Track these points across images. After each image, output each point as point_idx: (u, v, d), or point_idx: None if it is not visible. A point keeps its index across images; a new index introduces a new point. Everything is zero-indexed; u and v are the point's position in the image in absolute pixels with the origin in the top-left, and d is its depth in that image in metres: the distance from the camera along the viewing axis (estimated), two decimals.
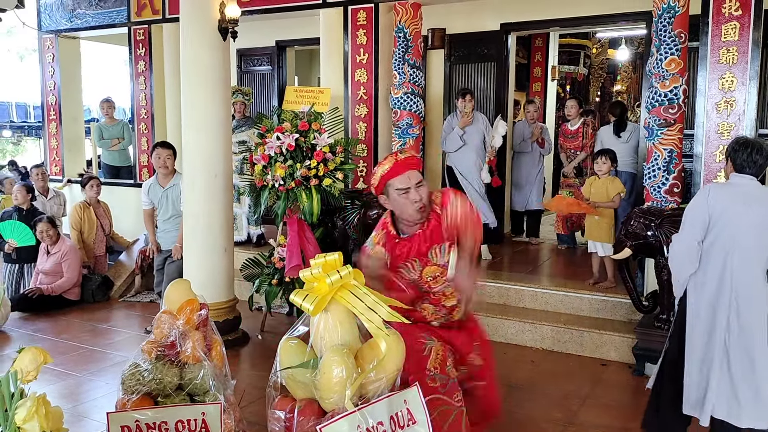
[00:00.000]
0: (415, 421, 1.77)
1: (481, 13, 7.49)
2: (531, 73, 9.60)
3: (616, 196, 5.35)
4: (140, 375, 2.24)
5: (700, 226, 3.08)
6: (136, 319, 6.06)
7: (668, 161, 4.76)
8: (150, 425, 2.16)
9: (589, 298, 5.23)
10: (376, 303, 1.76)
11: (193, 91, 4.93)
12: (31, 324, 5.82)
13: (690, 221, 3.15)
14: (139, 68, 7.82)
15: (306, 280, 1.81)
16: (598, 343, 4.85)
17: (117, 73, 15.65)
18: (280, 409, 1.85)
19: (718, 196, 3.07)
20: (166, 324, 2.29)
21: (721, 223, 3.04)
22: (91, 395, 4.26)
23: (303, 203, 5.10)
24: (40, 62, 8.66)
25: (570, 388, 4.34)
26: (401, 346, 1.79)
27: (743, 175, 3.10)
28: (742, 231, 3.01)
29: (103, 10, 7.93)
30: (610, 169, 5.50)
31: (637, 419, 3.81)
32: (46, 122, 8.70)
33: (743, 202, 3.02)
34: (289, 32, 8.65)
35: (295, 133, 5.09)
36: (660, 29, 4.71)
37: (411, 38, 6.06)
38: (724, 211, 3.03)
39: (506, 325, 5.21)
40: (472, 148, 6.28)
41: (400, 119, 6.11)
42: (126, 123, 8.82)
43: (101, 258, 7.08)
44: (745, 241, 3.01)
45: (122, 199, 7.77)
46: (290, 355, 1.86)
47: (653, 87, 4.76)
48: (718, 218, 3.04)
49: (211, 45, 4.92)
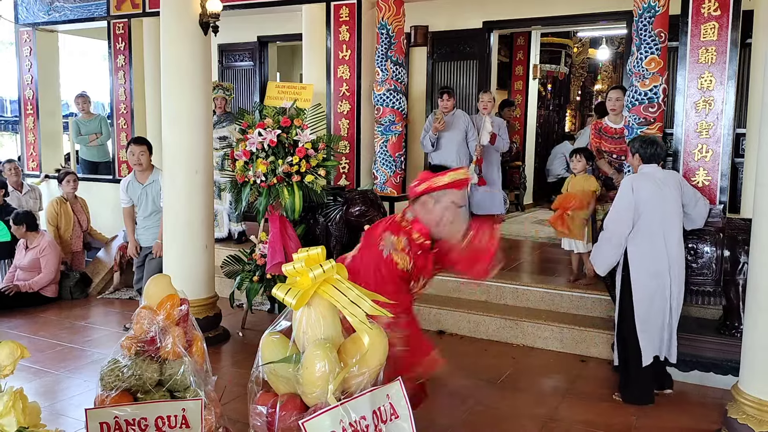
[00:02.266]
0: (397, 416, 1.76)
1: (463, 11, 7.52)
2: (513, 71, 9.66)
3: (592, 193, 5.39)
4: (119, 371, 2.20)
5: (629, 217, 3.86)
6: (114, 317, 5.99)
7: None
8: (129, 422, 2.12)
9: (569, 295, 5.27)
10: (359, 297, 1.75)
11: (174, 86, 4.88)
12: (7, 321, 5.72)
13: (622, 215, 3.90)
14: (118, 63, 7.72)
15: (288, 274, 1.79)
16: (578, 339, 4.89)
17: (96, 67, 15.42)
18: (262, 404, 1.83)
19: (640, 185, 3.89)
20: (146, 319, 2.26)
21: (650, 207, 3.85)
22: (68, 393, 4.20)
23: (285, 200, 5.07)
24: (17, 56, 8.51)
25: (551, 384, 4.38)
26: (384, 340, 1.78)
27: (651, 164, 4.00)
28: (667, 210, 3.88)
29: (81, 3, 7.82)
30: (585, 168, 5.52)
31: (617, 414, 3.86)
32: (23, 117, 8.55)
33: (658, 186, 3.90)
34: (271, 28, 8.61)
35: (277, 129, 5.05)
36: (640, 28, 4.76)
37: (394, 35, 6.06)
38: (649, 197, 3.86)
39: (487, 321, 5.23)
40: (452, 148, 6.27)
41: (383, 116, 6.10)
42: (104, 118, 8.69)
43: (79, 254, 6.99)
44: (670, 218, 3.89)
45: (101, 195, 7.67)
46: (272, 350, 1.84)
47: (633, 86, 4.81)
48: (646, 203, 3.85)
49: (191, 39, 4.87)
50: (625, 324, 4.00)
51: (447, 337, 5.30)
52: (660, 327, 3.93)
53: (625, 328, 3.99)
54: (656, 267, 3.88)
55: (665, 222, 3.88)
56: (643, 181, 3.92)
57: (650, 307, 3.90)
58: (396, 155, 6.14)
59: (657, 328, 3.93)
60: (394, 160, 6.13)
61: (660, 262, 3.88)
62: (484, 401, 4.02)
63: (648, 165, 4.03)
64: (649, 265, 3.88)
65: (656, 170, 4.02)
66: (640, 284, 3.90)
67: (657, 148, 4.03)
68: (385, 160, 6.13)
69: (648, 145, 4.02)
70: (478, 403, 3.98)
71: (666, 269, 3.87)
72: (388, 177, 6.14)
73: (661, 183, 3.95)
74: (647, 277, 3.89)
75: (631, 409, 3.93)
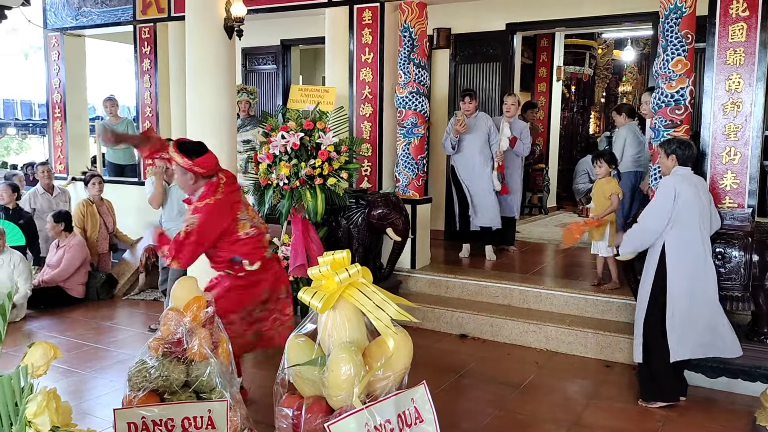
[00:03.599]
0: (422, 420, 1.76)
1: (486, 12, 7.49)
2: (536, 73, 9.60)
3: (613, 195, 5.31)
4: (147, 372, 2.24)
5: (667, 216, 3.88)
6: (139, 317, 6.07)
7: None
8: (156, 422, 2.15)
9: (594, 300, 5.22)
10: (384, 301, 1.75)
11: (199, 90, 4.93)
12: (36, 321, 5.83)
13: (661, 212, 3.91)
14: (144, 66, 7.82)
15: (314, 278, 1.80)
16: (603, 344, 4.84)
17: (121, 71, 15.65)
18: (288, 407, 1.84)
19: (682, 186, 3.89)
20: (173, 321, 2.29)
21: (690, 208, 3.87)
22: (94, 393, 4.26)
23: (307, 202, 5.10)
24: (46, 60, 8.67)
25: (574, 389, 4.33)
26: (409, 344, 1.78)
27: (686, 167, 4.01)
28: (704, 213, 3.93)
29: (108, 8, 7.94)
30: (608, 171, 5.48)
31: (642, 420, 3.82)
32: (50, 120, 8.71)
33: (696, 188, 3.95)
34: (294, 31, 8.66)
35: (300, 132, 5.09)
36: (667, 30, 4.70)
37: (416, 38, 6.05)
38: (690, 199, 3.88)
39: (510, 326, 5.20)
40: (474, 150, 6.25)
41: (405, 119, 6.10)
42: (130, 121, 8.82)
43: (105, 256, 7.09)
44: (707, 220, 3.96)
45: (126, 197, 7.77)
46: (298, 353, 1.85)
47: (660, 88, 4.75)
48: (687, 205, 3.86)
49: (216, 43, 4.92)
50: (653, 321, 3.96)
51: (469, 341, 5.28)
52: (703, 327, 3.90)
53: (654, 325, 3.96)
54: (694, 268, 3.90)
55: (703, 224, 3.92)
56: (683, 183, 3.94)
57: (686, 308, 3.88)
58: (418, 158, 6.13)
59: (696, 329, 3.90)
60: (416, 163, 6.13)
61: (698, 263, 3.89)
62: (506, 406, 3.99)
63: (683, 167, 4.02)
64: (688, 266, 3.89)
65: (690, 173, 4.03)
66: (676, 285, 3.89)
67: (693, 150, 4.06)
68: (407, 162, 6.12)
69: (686, 147, 4.03)
70: (501, 408, 3.95)
71: (703, 271, 3.90)
72: (410, 180, 6.13)
73: (697, 186, 3.99)
74: (684, 278, 3.88)
75: (656, 416, 3.88)
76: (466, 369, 4.63)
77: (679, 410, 3.96)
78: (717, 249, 4.17)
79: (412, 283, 6.02)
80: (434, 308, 5.50)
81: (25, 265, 5.88)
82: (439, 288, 5.89)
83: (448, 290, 5.84)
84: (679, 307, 3.90)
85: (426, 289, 5.95)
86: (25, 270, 5.85)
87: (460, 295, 5.77)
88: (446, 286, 5.86)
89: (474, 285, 5.72)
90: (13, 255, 5.82)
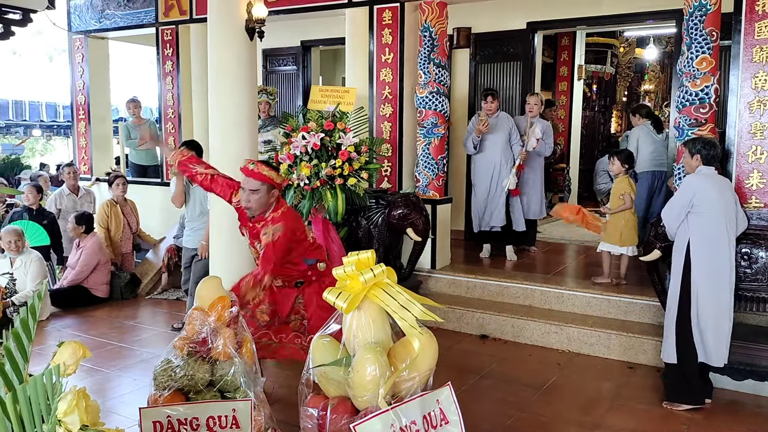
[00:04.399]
0: (447, 421, 1.76)
1: (507, 12, 7.45)
2: (557, 72, 9.52)
3: (626, 195, 5.30)
4: (172, 371, 2.26)
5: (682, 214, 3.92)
6: (162, 317, 6.13)
7: None
8: (181, 421, 2.17)
9: (617, 300, 5.17)
10: (409, 301, 1.75)
11: (220, 91, 4.97)
12: (61, 320, 5.91)
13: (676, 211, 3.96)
14: (166, 68, 7.90)
15: (339, 278, 1.80)
16: (626, 345, 4.79)
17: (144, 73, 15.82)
18: (313, 407, 1.85)
19: (704, 186, 3.89)
20: (198, 320, 2.31)
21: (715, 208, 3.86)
22: (119, 391, 4.31)
23: (328, 202, 5.11)
24: (70, 62, 8.79)
25: (597, 391, 4.29)
26: (434, 344, 1.78)
27: (710, 167, 3.99)
28: (729, 213, 3.91)
29: (131, 11, 8.03)
30: (621, 170, 5.44)
31: (667, 423, 3.77)
32: (75, 122, 8.83)
33: (720, 189, 3.94)
34: (314, 32, 8.68)
35: (320, 132, 5.10)
36: (691, 27, 4.64)
37: (437, 37, 6.03)
38: (715, 198, 3.87)
39: (531, 326, 5.16)
40: (495, 150, 6.22)
41: (425, 119, 6.09)
42: (153, 122, 8.92)
43: (128, 255, 7.17)
44: (732, 221, 3.93)
45: (149, 197, 7.85)
46: (323, 353, 1.86)
47: (684, 86, 4.69)
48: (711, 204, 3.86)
49: (238, 45, 4.94)
50: (684, 322, 3.96)
51: (490, 341, 5.25)
52: (714, 330, 3.89)
53: (685, 326, 3.96)
54: (717, 268, 3.88)
55: (729, 224, 3.90)
56: (706, 183, 3.93)
57: (707, 310, 3.88)
58: (438, 158, 6.12)
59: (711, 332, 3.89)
60: (436, 163, 6.11)
61: (722, 264, 3.88)
62: (528, 408, 3.97)
63: (707, 167, 4.00)
64: (711, 267, 3.88)
65: (714, 173, 4.01)
66: (701, 285, 3.89)
67: (718, 150, 4.03)
68: (427, 162, 6.11)
69: (711, 147, 4.01)
70: (522, 410, 3.93)
71: (727, 272, 3.88)
72: (431, 180, 6.12)
73: (721, 186, 3.97)
74: (707, 279, 3.88)
75: (681, 418, 3.83)
76: (487, 370, 4.61)
77: (704, 413, 3.91)
78: (743, 249, 4.11)
79: (432, 283, 6.01)
80: (455, 308, 5.48)
81: (40, 265, 5.92)
82: (460, 288, 5.87)
83: (468, 290, 5.83)
84: (704, 308, 3.88)
85: (446, 289, 5.94)
86: (38, 270, 5.86)
87: (481, 295, 5.74)
88: (467, 286, 5.85)
89: (495, 285, 5.70)
90: (31, 255, 5.90)
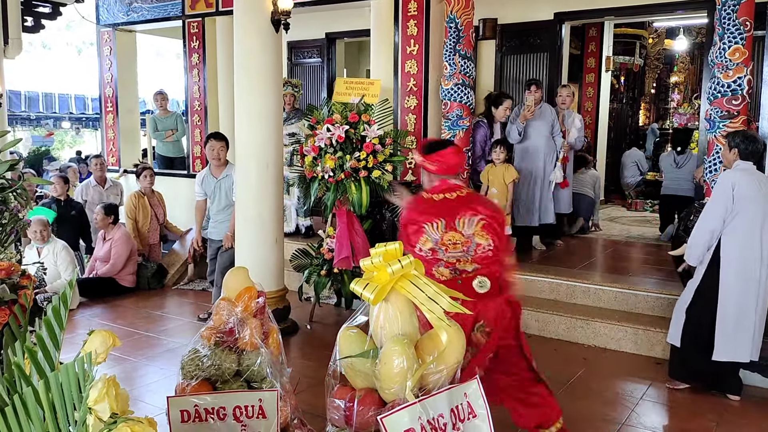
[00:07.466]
0: (475, 415, 1.74)
1: (534, 2, 7.36)
2: (584, 63, 9.39)
3: (511, 183, 5.79)
4: (199, 360, 2.28)
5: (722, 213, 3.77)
6: (188, 307, 6.20)
7: None
8: (208, 410, 2.19)
9: (645, 296, 5.09)
10: (436, 293, 1.74)
11: (246, 83, 4.99)
12: (89, 309, 6.01)
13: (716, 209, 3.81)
14: (192, 61, 7.96)
15: (366, 269, 1.79)
16: (653, 341, 4.72)
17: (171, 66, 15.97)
18: (340, 398, 1.85)
19: (741, 181, 3.76)
20: (225, 311, 2.32)
21: (749, 205, 3.74)
22: (145, 380, 4.37)
23: (352, 195, 5.11)
24: (98, 55, 8.90)
25: (624, 387, 4.24)
26: (462, 337, 1.76)
27: (747, 162, 3.87)
28: (765, 209, 3.76)
29: (158, 4, 8.11)
30: (506, 158, 5.87)
31: (695, 420, 3.71)
32: (103, 114, 8.95)
33: (758, 185, 3.80)
34: (339, 24, 8.68)
35: (345, 124, 5.10)
36: (723, 17, 4.53)
37: (462, 28, 5.97)
38: (751, 195, 3.75)
39: (557, 321, 5.11)
40: (539, 139, 6.19)
41: (450, 111, 6.04)
42: (179, 115, 9.00)
43: (155, 246, 7.25)
44: (766, 218, 3.77)
45: (176, 189, 7.94)
46: (350, 344, 1.85)
47: (716, 77, 4.59)
48: (745, 200, 3.73)
49: (263, 37, 4.95)
50: (697, 313, 3.93)
51: None
52: (743, 329, 3.81)
53: (696, 317, 3.94)
54: (747, 266, 3.80)
55: (765, 223, 3.79)
56: (743, 178, 3.82)
57: (736, 308, 3.81)
58: (463, 150, 6.07)
59: (739, 330, 3.82)
60: None
61: (753, 262, 3.79)
62: None
63: (745, 162, 3.90)
64: (741, 264, 3.80)
65: (753, 168, 3.90)
66: (728, 283, 3.82)
67: (758, 145, 3.92)
68: None
69: (750, 142, 3.90)
70: None
71: (757, 270, 3.79)
72: None
73: (759, 181, 3.85)
74: (737, 276, 3.80)
75: (709, 415, 3.77)
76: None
77: (733, 410, 3.84)
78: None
79: None
80: None
81: (68, 253, 6.04)
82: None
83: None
84: (732, 309, 3.81)
85: None
86: (67, 258, 6.00)
87: None
88: None
89: (520, 279, 5.64)
90: (56, 244, 6.00)
